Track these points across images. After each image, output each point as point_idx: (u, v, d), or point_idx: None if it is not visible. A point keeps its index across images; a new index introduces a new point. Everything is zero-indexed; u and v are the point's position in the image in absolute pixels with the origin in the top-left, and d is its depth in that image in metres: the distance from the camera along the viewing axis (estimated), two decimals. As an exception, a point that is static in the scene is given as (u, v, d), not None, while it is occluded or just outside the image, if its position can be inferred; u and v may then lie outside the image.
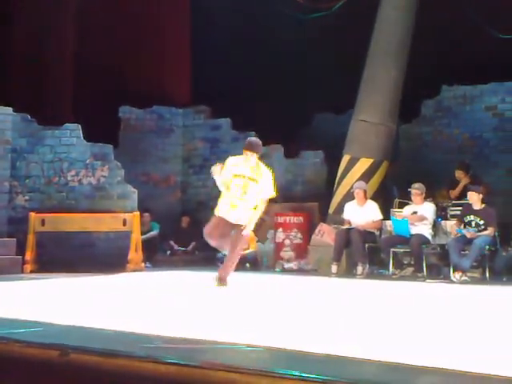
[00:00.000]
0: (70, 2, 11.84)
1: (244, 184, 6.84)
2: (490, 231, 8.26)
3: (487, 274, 8.29)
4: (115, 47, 11.87)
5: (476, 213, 8.41)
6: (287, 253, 10.14)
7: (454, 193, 9.47)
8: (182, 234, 11.59)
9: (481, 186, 8.64)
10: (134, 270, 9.38)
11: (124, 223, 9.69)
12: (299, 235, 10.14)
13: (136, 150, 12.13)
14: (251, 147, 6.90)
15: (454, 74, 10.66)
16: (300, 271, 9.67)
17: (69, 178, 10.30)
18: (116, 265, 9.22)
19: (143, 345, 3.49)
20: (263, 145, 11.96)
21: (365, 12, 10.06)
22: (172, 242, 11.46)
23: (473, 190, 8.49)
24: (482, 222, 8.34)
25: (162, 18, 12.57)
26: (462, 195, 9.15)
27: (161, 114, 12.70)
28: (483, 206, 8.42)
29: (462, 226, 8.43)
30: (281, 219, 10.29)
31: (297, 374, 2.87)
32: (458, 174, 9.53)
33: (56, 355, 3.26)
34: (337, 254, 9.07)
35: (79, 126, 10.41)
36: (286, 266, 9.98)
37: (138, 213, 9.92)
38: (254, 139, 7.21)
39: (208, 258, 10.67)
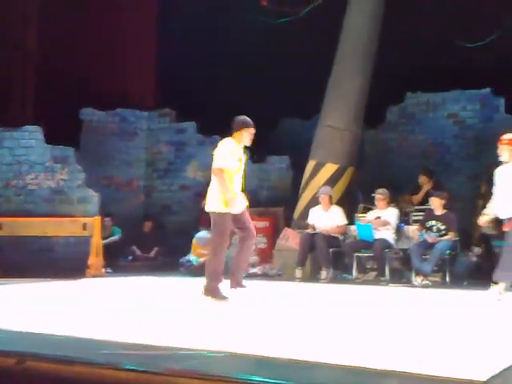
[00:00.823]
0: (32, 3, 11.64)
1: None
2: (450, 236, 8.37)
3: (448, 278, 8.39)
4: (78, 49, 11.72)
5: (437, 218, 8.53)
6: (252, 257, 10.08)
7: (417, 198, 9.58)
8: (144, 239, 11.45)
9: (443, 192, 8.75)
10: (95, 276, 9.24)
11: (84, 228, 9.53)
12: (264, 240, 10.10)
13: (98, 153, 11.97)
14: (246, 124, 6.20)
15: (418, 81, 10.79)
16: (264, 276, 9.63)
17: (28, 181, 10.10)
18: (76, 270, 9.05)
19: (102, 351, 3.41)
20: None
21: (331, 18, 10.11)
22: (134, 247, 11.31)
23: (435, 196, 8.61)
24: (443, 227, 8.46)
25: (127, 20, 12.45)
26: (425, 200, 9.25)
27: (124, 117, 12.56)
28: (445, 211, 8.54)
29: (424, 231, 8.52)
30: (245, 224, 10.22)
31: (259, 379, 2.84)
32: (422, 179, 9.64)
33: (13, 363, 3.19)
34: (301, 258, 9.07)
35: (39, 127, 10.22)
36: (251, 270, 9.92)
37: (99, 217, 9.78)
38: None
39: (170, 264, 10.57)
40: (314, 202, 9.55)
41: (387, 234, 8.82)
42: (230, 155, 6.08)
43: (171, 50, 12.12)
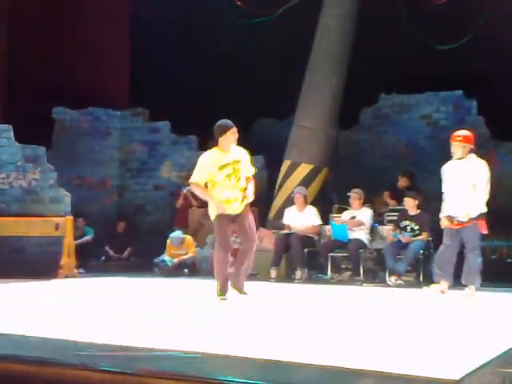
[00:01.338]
0: (2, 2, 11.45)
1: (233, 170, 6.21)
2: (424, 236, 8.44)
3: (421, 278, 8.45)
4: (51, 47, 11.57)
5: (411, 218, 8.60)
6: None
7: (392, 201, 9.63)
8: (117, 240, 11.36)
9: (419, 193, 8.83)
10: (67, 276, 9.16)
11: (56, 228, 9.42)
12: (238, 240, 10.04)
13: (70, 153, 11.86)
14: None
15: (392, 82, 10.88)
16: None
17: (-2, 181, 9.94)
18: (48, 271, 8.94)
19: (75, 352, 3.35)
20: (204, 149, 11.99)
21: (306, 19, 10.13)
22: (107, 248, 11.22)
23: (409, 196, 8.68)
24: (416, 227, 8.53)
25: (100, 19, 12.32)
26: (399, 201, 9.32)
27: (97, 116, 12.44)
28: (418, 211, 8.62)
29: (398, 231, 8.58)
30: (219, 224, 10.17)
31: (235, 379, 2.82)
32: (402, 181, 9.67)
33: (-18, 365, 3.10)
34: (276, 258, 9.07)
35: (10, 126, 10.06)
36: (224, 271, 9.89)
37: (71, 217, 9.67)
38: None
39: (144, 264, 10.51)
40: (289, 202, 9.56)
41: (361, 234, 8.86)
42: (203, 168, 6.15)
43: (145, 49, 12.03)
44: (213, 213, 6.22)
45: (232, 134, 6.24)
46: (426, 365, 3.17)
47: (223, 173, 6.17)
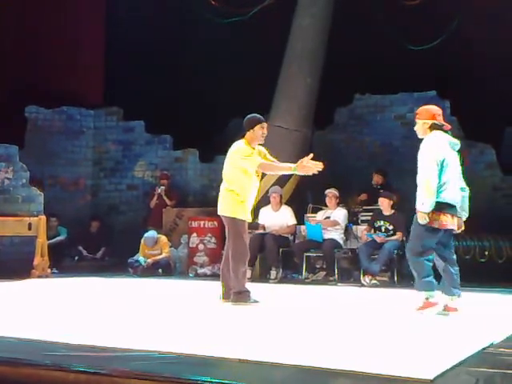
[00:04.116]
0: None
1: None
2: (398, 236, 8.50)
3: (396, 278, 8.51)
4: (25, 45, 11.42)
5: (386, 218, 8.66)
6: (201, 258, 10.03)
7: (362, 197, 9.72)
8: (91, 239, 11.26)
9: (392, 191, 8.90)
10: (40, 276, 9.09)
11: (29, 227, 9.34)
12: (213, 240, 10.04)
13: (43, 152, 11.73)
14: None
15: (366, 83, 10.94)
16: (214, 276, 9.58)
17: (-29, 180, 9.78)
18: (21, 271, 8.86)
19: (49, 353, 3.32)
20: (178, 148, 11.97)
21: (281, 18, 10.15)
22: (80, 248, 11.11)
23: (383, 196, 8.73)
24: (391, 227, 8.59)
25: (75, 17, 12.20)
26: (372, 200, 9.38)
27: (70, 115, 12.32)
28: (392, 211, 8.68)
29: (372, 231, 8.64)
30: (195, 224, 10.16)
31: (209, 379, 2.82)
32: (377, 178, 9.74)
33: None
34: (251, 258, 9.03)
35: (-18, 125, 9.91)
36: (200, 271, 9.88)
37: (44, 217, 9.58)
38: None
39: (118, 264, 10.44)
40: (264, 202, 9.55)
41: (336, 234, 8.90)
42: (252, 153, 5.93)
43: (119, 48, 11.93)
44: (239, 214, 5.89)
45: (261, 129, 6.00)
46: (401, 365, 3.20)
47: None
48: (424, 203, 5.20)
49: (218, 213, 6.07)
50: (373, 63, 10.34)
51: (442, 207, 5.18)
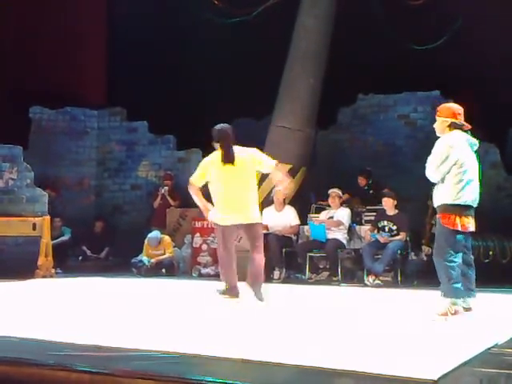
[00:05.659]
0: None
1: None
2: (402, 236, 8.49)
3: (399, 278, 8.50)
4: (27, 45, 11.43)
5: (389, 218, 8.64)
6: (204, 258, 10.04)
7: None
8: (95, 240, 11.29)
9: (378, 191, 8.92)
10: (44, 276, 9.12)
11: (33, 227, 9.37)
12: (217, 240, 10.02)
13: (47, 152, 11.75)
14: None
15: (369, 83, 10.92)
16: (217, 276, 9.56)
17: (-25, 181, 9.82)
18: (25, 271, 8.87)
19: (52, 352, 3.32)
20: (181, 149, 11.97)
21: (284, 19, 10.14)
22: (84, 248, 11.14)
23: (388, 196, 8.70)
24: (394, 228, 8.58)
25: (78, 17, 12.21)
26: (360, 202, 9.44)
27: (74, 115, 12.35)
28: (396, 211, 8.66)
29: (376, 231, 8.62)
30: (198, 224, 10.18)
31: (212, 379, 2.82)
32: (360, 180, 9.83)
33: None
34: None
35: (-14, 125, 9.94)
36: (203, 271, 9.89)
37: (49, 217, 9.59)
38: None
39: (122, 264, 10.45)
40: (267, 202, 9.55)
41: (339, 234, 8.89)
42: None
43: (122, 49, 11.94)
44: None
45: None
46: (405, 365, 3.19)
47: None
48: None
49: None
50: (376, 63, 10.32)
51: (463, 209, 5.12)
